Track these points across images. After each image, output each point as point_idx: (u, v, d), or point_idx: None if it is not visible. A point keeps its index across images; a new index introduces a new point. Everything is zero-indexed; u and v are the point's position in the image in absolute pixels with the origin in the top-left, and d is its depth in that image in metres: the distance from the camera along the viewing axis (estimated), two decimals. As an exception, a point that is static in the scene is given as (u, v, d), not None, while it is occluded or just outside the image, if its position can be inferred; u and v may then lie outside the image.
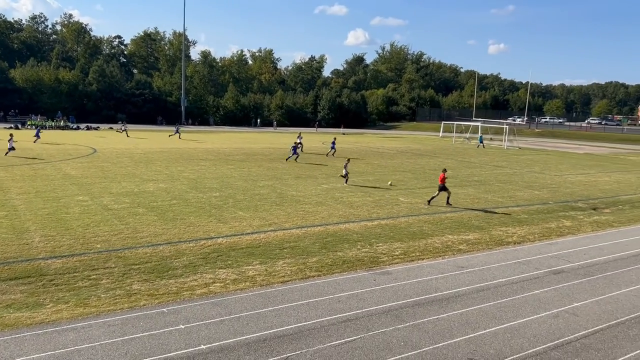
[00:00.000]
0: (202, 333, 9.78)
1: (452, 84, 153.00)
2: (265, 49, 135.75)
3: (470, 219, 20.61)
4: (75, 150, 40.02)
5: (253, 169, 32.98)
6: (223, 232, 16.95)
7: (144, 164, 33.12)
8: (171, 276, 12.75)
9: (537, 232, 18.91)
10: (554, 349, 9.72)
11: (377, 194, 25.37)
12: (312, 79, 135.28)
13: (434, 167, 38.15)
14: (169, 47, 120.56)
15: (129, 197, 22.18)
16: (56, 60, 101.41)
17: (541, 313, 11.41)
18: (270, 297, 11.70)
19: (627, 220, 21.74)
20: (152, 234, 16.39)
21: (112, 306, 10.84)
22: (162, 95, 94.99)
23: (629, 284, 13.60)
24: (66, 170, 29.43)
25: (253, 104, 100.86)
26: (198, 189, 24.63)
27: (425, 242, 16.83)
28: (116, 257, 14.07)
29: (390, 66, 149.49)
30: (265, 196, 23.52)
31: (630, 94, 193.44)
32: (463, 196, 25.75)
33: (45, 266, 13.12)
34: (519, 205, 23.94)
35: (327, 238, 16.79)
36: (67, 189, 23.56)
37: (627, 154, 59.39)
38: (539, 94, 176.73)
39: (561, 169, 40.41)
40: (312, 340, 9.66)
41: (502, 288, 12.92)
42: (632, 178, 36.24)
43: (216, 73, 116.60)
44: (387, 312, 11.13)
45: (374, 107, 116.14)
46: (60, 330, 9.66)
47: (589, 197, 27.12)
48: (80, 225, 17.06)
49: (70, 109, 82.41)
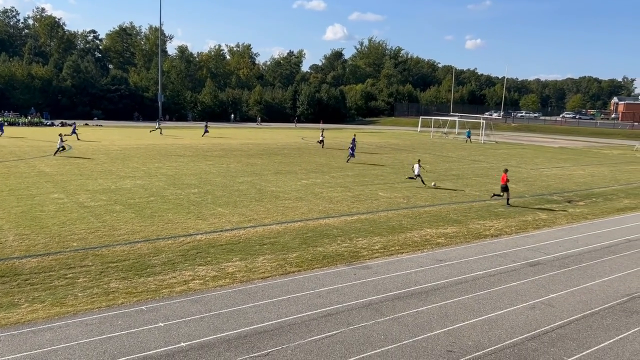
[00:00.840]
0: (181, 330, 9.71)
1: (430, 79, 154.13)
2: (244, 44, 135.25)
3: (449, 213, 20.82)
4: (49, 147, 39.24)
5: (232, 165, 32.78)
6: (202, 229, 16.83)
7: (121, 161, 32.67)
8: (150, 274, 12.62)
9: (514, 225, 19.19)
10: (530, 339, 9.89)
11: (356, 189, 25.44)
12: (290, 74, 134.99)
13: (412, 161, 38.39)
14: (145, 42, 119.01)
15: (106, 194, 21.86)
16: (29, 55, 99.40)
17: (518, 304, 11.60)
18: (251, 293, 11.67)
19: (601, 213, 22.20)
20: (130, 232, 16.19)
21: (90, 305, 10.68)
22: (139, 91, 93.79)
23: (602, 275, 13.90)
24: (40, 167, 28.86)
25: (231, 99, 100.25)
26: (176, 186, 24.39)
27: (405, 236, 16.95)
28: (93, 255, 13.86)
29: (369, 61, 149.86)
30: (245, 192, 23.41)
31: (603, 88, 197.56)
32: (441, 190, 25.99)
33: (20, 265, 12.86)
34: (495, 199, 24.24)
35: (307, 233, 16.80)
36: (42, 186, 23.11)
37: (600, 147, 60.62)
38: (515, 88, 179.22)
39: (537, 162, 41.05)
40: (292, 336, 9.67)
41: (480, 281, 13.09)
42: (605, 171, 37.00)
43: (193, 68, 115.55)
44: (367, 306, 11.19)
45: (353, 102, 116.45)
46: (36, 331, 9.49)
47: (564, 190, 27.62)
48: (55, 224, 16.76)
49: (44, 105, 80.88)
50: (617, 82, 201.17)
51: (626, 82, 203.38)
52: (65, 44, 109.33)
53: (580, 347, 9.65)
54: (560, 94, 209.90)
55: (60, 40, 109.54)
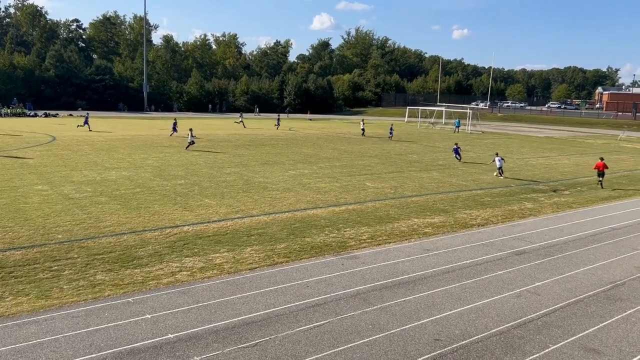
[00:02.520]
0: (169, 322, 9.66)
1: (417, 70, 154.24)
2: (230, 34, 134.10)
3: (436, 203, 20.91)
4: (32, 138, 38.71)
5: (219, 155, 32.59)
6: (189, 220, 16.73)
7: (106, 152, 32.32)
8: (136, 265, 12.53)
9: (500, 215, 19.34)
10: (517, 327, 10.00)
11: (344, 179, 25.45)
12: (277, 64, 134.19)
13: (399, 151, 38.49)
14: (129, 31, 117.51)
15: (91, 185, 21.63)
16: (10, 44, 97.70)
17: (504, 293, 11.71)
18: (238, 284, 11.64)
19: (586, 202, 22.44)
20: (116, 223, 16.04)
21: (76, 297, 10.58)
22: (124, 81, 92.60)
23: (587, 263, 14.07)
24: (24, 159, 28.45)
25: (217, 89, 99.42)
26: (162, 177, 24.20)
27: (392, 226, 17.00)
28: (79, 247, 13.72)
29: (356, 51, 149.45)
30: (232, 183, 23.30)
31: (588, 78, 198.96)
32: (428, 180, 26.09)
33: (4, 258, 12.69)
34: (482, 189, 24.41)
35: (294, 224, 16.78)
36: (26, 178, 22.80)
37: (585, 137, 61.21)
38: (501, 78, 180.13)
39: (523, 152, 41.36)
40: (280, 326, 9.67)
41: (466, 270, 13.18)
42: (590, 160, 37.35)
43: (179, 58, 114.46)
44: (355, 295, 11.23)
45: (340, 92, 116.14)
46: (21, 324, 9.39)
47: (549, 180, 27.87)
48: (40, 216, 16.55)
49: (27, 95, 79.57)
50: (602, 72, 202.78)
51: (610, 72, 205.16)
52: (47, 33, 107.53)
53: (566, 334, 9.78)
54: (546, 84, 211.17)
55: (42, 29, 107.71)
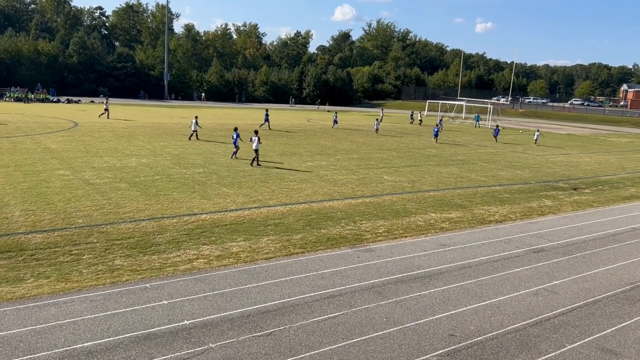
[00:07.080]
0: (185, 309, 9.77)
1: (438, 63, 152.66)
2: (250, 24, 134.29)
3: (453, 198, 20.77)
4: (55, 124, 39.28)
5: (237, 145, 32.66)
6: (207, 209, 16.86)
7: (126, 139, 32.67)
8: (154, 252, 12.68)
9: (519, 211, 19.14)
10: (533, 325, 9.91)
11: (361, 172, 25.39)
12: (297, 55, 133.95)
13: (418, 145, 38.26)
14: (151, 19, 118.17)
15: (111, 172, 21.90)
16: (35, 30, 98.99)
17: (521, 291, 11.61)
18: (254, 273, 11.71)
19: (607, 201, 22.09)
20: (135, 210, 16.24)
21: (94, 281, 10.76)
22: (145, 69, 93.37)
23: (606, 263, 13.87)
24: (46, 143, 28.91)
25: (237, 79, 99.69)
26: (181, 165, 24.40)
27: (409, 220, 16.93)
28: (98, 232, 13.92)
29: (376, 43, 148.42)
30: (249, 173, 23.40)
31: (613, 75, 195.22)
32: (446, 174, 25.90)
33: (26, 241, 12.94)
34: (501, 185, 24.17)
35: (311, 215, 16.80)
36: (48, 162, 23.17)
37: (608, 135, 60.16)
38: (524, 74, 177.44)
39: (543, 149, 40.80)
40: (295, 316, 9.72)
41: (483, 266, 13.09)
42: (612, 159, 36.75)
43: (200, 47, 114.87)
44: (369, 288, 11.23)
45: (360, 84, 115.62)
46: (42, 305, 9.58)
47: (569, 177, 27.47)
48: (61, 200, 16.82)
49: (50, 81, 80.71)
50: (627, 69, 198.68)
51: (636, 69, 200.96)
52: (71, 20, 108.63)
53: (583, 334, 9.67)
54: (569, 80, 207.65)
55: (66, 16, 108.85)
